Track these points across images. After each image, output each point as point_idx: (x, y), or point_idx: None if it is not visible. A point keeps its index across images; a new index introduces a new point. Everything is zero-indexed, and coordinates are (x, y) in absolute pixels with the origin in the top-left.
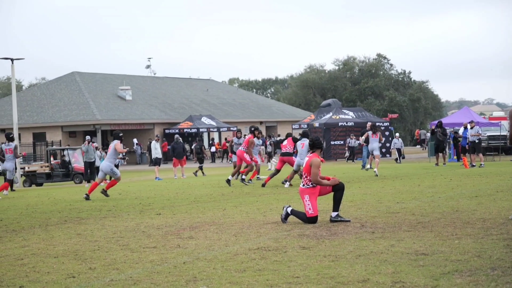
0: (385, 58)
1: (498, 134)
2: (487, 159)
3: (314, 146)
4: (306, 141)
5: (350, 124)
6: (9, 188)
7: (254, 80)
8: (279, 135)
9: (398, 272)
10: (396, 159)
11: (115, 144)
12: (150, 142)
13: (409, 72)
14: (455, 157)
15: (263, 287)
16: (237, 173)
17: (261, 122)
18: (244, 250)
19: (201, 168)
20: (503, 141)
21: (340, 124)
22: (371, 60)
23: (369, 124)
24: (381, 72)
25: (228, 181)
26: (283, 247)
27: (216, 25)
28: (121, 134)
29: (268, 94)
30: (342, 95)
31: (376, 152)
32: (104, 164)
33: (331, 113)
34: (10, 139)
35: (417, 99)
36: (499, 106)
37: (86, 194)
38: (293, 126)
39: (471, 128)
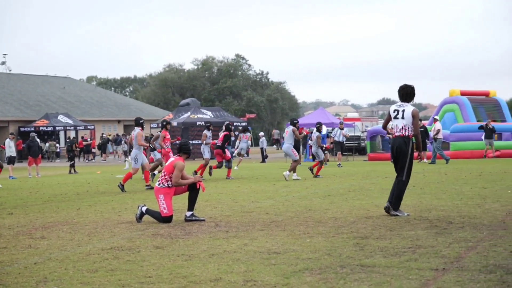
0: (243, 58)
1: (352, 134)
2: (341, 159)
3: (180, 150)
4: (290, 128)
5: None
6: None
7: (113, 79)
8: None
9: (250, 270)
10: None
11: (137, 133)
12: None
13: (267, 73)
14: (310, 156)
15: (115, 287)
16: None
17: (119, 121)
18: (97, 250)
19: (72, 165)
20: (357, 142)
21: (198, 123)
22: (230, 60)
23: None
24: (240, 72)
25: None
26: (136, 247)
27: (74, 22)
28: (141, 121)
29: (127, 93)
30: (200, 94)
31: (244, 152)
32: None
33: (189, 113)
34: None
35: (275, 100)
36: (354, 107)
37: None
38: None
39: (341, 128)
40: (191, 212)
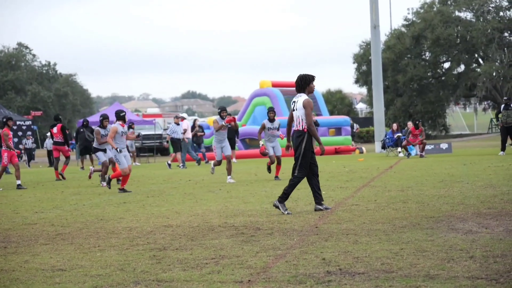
0: (27, 48)
1: (153, 133)
2: (141, 160)
3: None
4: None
5: None
6: None
7: None
8: None
9: None
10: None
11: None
12: None
13: (55, 64)
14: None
15: None
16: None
17: None
18: None
19: None
20: (158, 141)
21: None
22: (11, 50)
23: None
24: (23, 64)
25: None
26: None
27: None
28: (111, 115)
29: None
30: None
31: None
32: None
33: None
34: None
35: (64, 94)
36: (155, 101)
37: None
38: None
39: (177, 124)
40: None
